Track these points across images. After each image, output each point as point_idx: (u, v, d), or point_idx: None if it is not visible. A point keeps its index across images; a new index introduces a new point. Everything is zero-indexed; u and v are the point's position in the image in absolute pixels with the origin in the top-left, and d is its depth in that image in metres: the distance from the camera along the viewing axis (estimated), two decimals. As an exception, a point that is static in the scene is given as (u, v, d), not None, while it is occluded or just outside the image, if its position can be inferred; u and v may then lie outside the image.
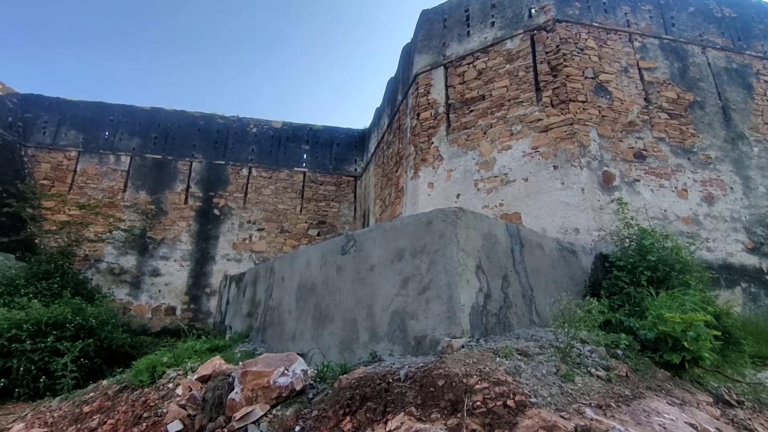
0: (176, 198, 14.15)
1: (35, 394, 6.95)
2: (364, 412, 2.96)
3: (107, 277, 13.11)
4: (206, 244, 13.81)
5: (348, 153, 15.53)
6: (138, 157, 14.40)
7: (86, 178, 14.01)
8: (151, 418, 3.65)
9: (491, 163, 8.22)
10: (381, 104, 13.87)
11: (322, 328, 4.60)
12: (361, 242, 4.38)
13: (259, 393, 3.14)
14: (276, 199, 14.53)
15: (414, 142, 9.41)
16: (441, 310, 3.48)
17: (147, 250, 13.55)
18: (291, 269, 5.52)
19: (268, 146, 15.18)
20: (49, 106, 14.72)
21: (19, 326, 7.36)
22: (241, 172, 14.70)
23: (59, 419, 4.58)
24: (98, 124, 14.63)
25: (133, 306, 12.99)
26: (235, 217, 14.18)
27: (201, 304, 13.33)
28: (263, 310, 6.05)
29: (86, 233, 13.17)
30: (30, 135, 14.25)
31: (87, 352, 7.67)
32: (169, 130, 14.87)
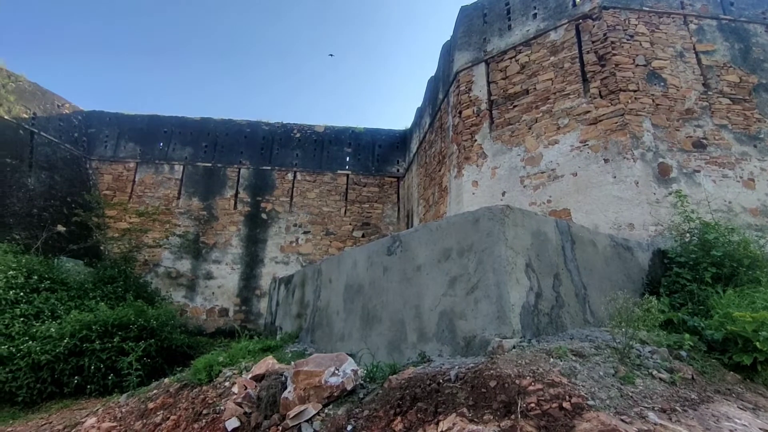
0: (226, 204, 14.71)
1: (105, 391, 7.42)
2: (414, 412, 2.95)
3: (165, 281, 13.81)
4: (255, 248, 14.26)
5: (390, 154, 15.59)
6: (190, 166, 15.09)
7: (144, 188, 14.82)
8: (210, 415, 3.80)
9: (537, 159, 8.00)
10: (422, 104, 13.83)
11: (369, 329, 4.64)
12: (407, 243, 4.38)
13: (311, 392, 3.20)
14: (320, 202, 14.80)
15: (457, 141, 9.31)
16: (490, 310, 3.42)
17: (200, 254, 14.16)
18: (338, 271, 5.60)
19: (311, 150, 15.50)
20: (110, 120, 15.70)
21: (89, 327, 7.88)
22: (287, 177, 15.08)
23: (127, 414, 4.86)
24: (153, 136, 15.45)
25: (189, 308, 13.60)
26: (282, 220, 14.56)
27: (252, 305, 13.77)
28: (312, 311, 6.17)
29: (145, 239, 13.96)
30: (93, 149, 15.25)
31: (149, 352, 8.10)
32: (218, 139, 15.48)
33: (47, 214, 12.84)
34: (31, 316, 8.62)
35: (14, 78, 13.32)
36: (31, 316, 8.60)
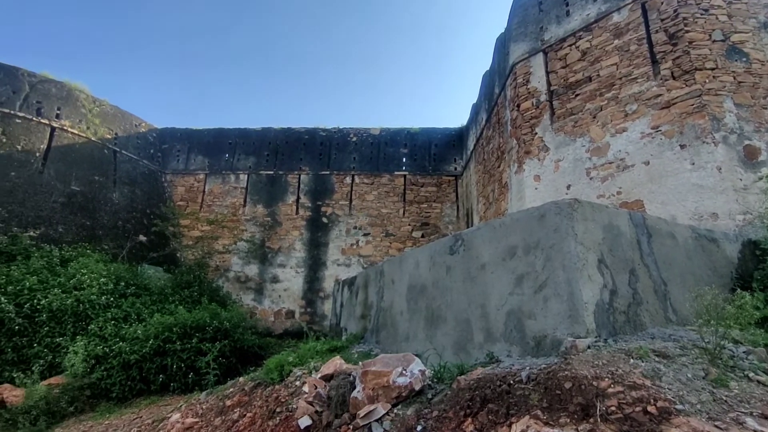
0: (288, 209, 15.23)
1: (186, 388, 7.92)
2: (485, 414, 2.89)
3: (235, 285, 14.53)
4: (317, 251, 14.64)
5: (446, 153, 15.44)
6: (254, 174, 15.78)
7: (213, 197, 15.69)
8: (283, 413, 3.94)
9: (604, 149, 7.59)
10: (477, 99, 13.57)
11: (434, 329, 4.60)
12: (470, 241, 4.31)
13: (379, 392, 3.23)
14: (379, 203, 14.94)
15: (516, 135, 9.05)
16: (561, 308, 3.28)
17: (266, 258, 14.76)
18: (400, 271, 5.61)
19: (368, 153, 15.68)
20: (180, 136, 16.78)
21: (170, 329, 8.46)
22: (345, 180, 15.36)
23: (207, 411, 5.15)
24: (219, 148, 16.33)
25: (258, 310, 14.21)
26: (342, 223, 14.85)
27: (316, 307, 14.14)
28: (375, 312, 6.24)
29: (216, 246, 14.79)
30: (167, 163, 16.38)
31: (224, 352, 8.55)
32: (279, 147, 16.08)
33: (130, 226, 13.94)
34: (120, 319, 9.39)
35: (98, 103, 14.59)
36: (120, 319, 9.38)
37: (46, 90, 13.39)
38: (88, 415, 7.35)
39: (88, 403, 7.72)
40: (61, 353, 8.41)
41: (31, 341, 8.70)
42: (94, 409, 7.60)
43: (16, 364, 8.40)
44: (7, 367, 8.35)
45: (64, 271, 10.23)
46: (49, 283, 9.62)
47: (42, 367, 8.17)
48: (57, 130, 13.15)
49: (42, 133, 12.88)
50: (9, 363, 8.41)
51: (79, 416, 7.34)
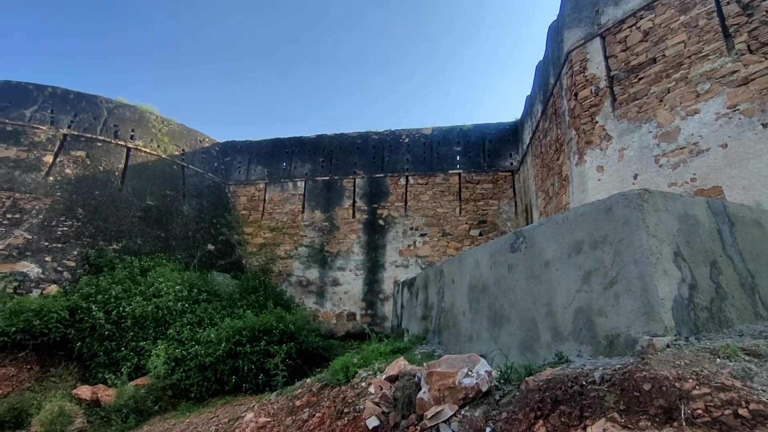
0: (345, 213, 15.53)
1: (257, 389, 8.29)
2: (557, 416, 2.80)
3: (297, 289, 15.00)
4: (375, 253, 14.81)
5: (501, 148, 15.09)
6: (310, 181, 16.24)
7: (273, 205, 16.31)
8: (351, 414, 4.02)
9: (674, 133, 7.10)
10: (531, 91, 13.17)
11: (498, 329, 4.52)
12: (532, 238, 4.19)
13: (445, 393, 3.22)
14: (434, 203, 14.86)
15: (574, 125, 8.68)
16: (635, 305, 3.11)
17: (326, 262, 15.12)
18: (460, 271, 5.56)
19: (421, 153, 15.66)
20: (240, 148, 17.61)
21: (240, 333, 8.88)
22: (399, 182, 15.43)
23: (278, 411, 5.36)
24: (277, 157, 16.96)
25: (320, 313, 14.58)
26: (398, 225, 14.92)
27: (376, 309, 14.29)
28: (437, 312, 6.21)
29: (278, 252, 15.36)
30: (230, 174, 17.23)
31: (290, 354, 8.87)
32: (333, 153, 16.45)
33: (199, 236, 14.79)
34: (194, 323, 9.99)
35: (166, 122, 15.64)
36: (194, 324, 9.97)
37: (121, 114, 14.53)
38: (171, 414, 7.87)
39: (171, 402, 8.27)
40: (145, 356, 9.08)
41: (119, 345, 9.46)
42: (176, 407, 8.13)
43: (107, 366, 9.17)
44: (100, 369, 9.15)
45: (143, 280, 11.04)
46: (132, 291, 10.42)
47: (129, 369, 8.86)
48: (132, 150, 14.24)
49: (119, 153, 13.98)
50: (101, 365, 9.21)
51: (163, 414, 7.89)
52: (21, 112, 13.15)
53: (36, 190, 12.14)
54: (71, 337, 9.45)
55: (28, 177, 12.25)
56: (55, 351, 9.55)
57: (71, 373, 9.37)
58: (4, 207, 11.61)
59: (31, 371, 9.11)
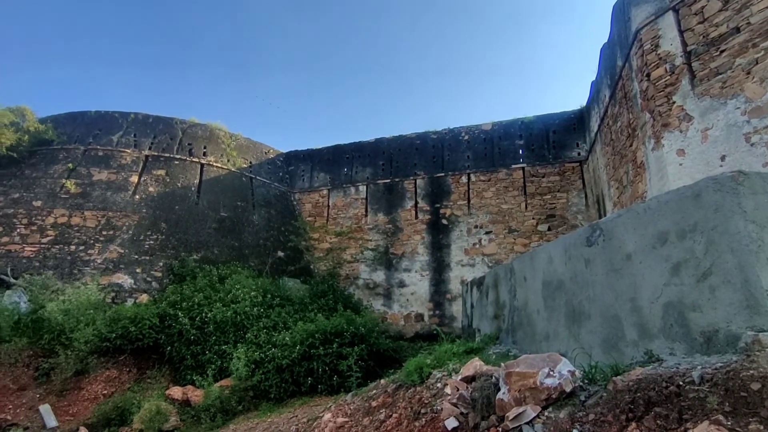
0: (408, 215, 15.56)
1: (332, 390, 8.50)
2: (652, 418, 2.62)
3: (364, 291, 15.23)
4: (440, 253, 14.70)
5: (567, 138, 14.44)
6: (372, 185, 16.45)
7: (337, 210, 16.70)
8: (428, 414, 4.01)
9: (766, 108, 6.44)
10: (597, 76, 12.50)
11: (578, 327, 4.32)
12: (609, 230, 3.97)
13: (526, 394, 3.12)
14: (498, 200, 14.50)
15: (648, 108, 8.13)
16: (734, 298, 2.85)
17: (392, 264, 15.23)
18: (532, 268, 5.38)
19: (481, 150, 15.36)
20: (303, 157, 18.21)
21: (313, 335, 9.16)
22: (461, 180, 15.22)
23: (355, 411, 5.46)
24: (338, 163, 17.36)
25: (388, 315, 14.69)
26: (462, 224, 14.72)
27: (444, 309, 14.17)
28: (509, 311, 6.05)
29: (344, 256, 15.69)
30: (294, 183, 17.88)
31: (362, 356, 9.01)
32: (392, 155, 16.56)
33: (269, 243, 15.46)
34: (270, 327, 10.44)
35: (234, 137, 16.53)
36: (270, 328, 10.42)
37: (194, 132, 15.56)
38: (254, 413, 8.27)
39: (252, 402, 8.69)
40: (227, 359, 9.62)
41: (204, 349, 10.10)
42: (258, 408, 8.53)
43: (194, 369, 9.81)
44: (188, 371, 9.81)
45: (222, 287, 11.72)
46: (212, 298, 11.10)
47: (214, 371, 9.42)
48: (205, 165, 15.19)
49: (194, 170, 14.97)
50: (189, 368, 9.87)
51: (246, 414, 8.31)
52: (109, 138, 14.49)
53: (125, 208, 13.29)
54: (162, 341, 10.22)
55: (118, 197, 13.44)
56: (149, 355, 10.38)
57: (164, 374, 10.14)
58: (99, 225, 12.83)
59: (130, 373, 9.97)
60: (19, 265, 11.78)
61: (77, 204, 13.06)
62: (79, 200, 13.13)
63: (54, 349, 9.53)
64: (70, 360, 9.27)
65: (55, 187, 13.24)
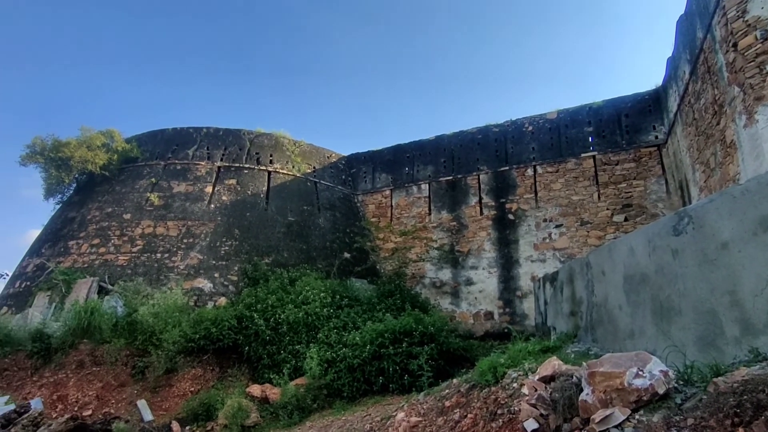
0: (472, 211, 15.25)
1: (403, 389, 8.49)
2: (763, 423, 2.35)
3: (431, 290, 15.12)
4: (508, 249, 14.26)
5: (641, 121, 13.45)
6: (434, 183, 16.31)
7: (400, 210, 16.73)
8: (505, 415, 3.87)
9: None
10: (673, 51, 11.53)
11: (667, 323, 3.98)
12: (700, 217, 3.62)
13: (613, 395, 2.91)
14: (568, 191, 13.81)
15: (737, 81, 7.36)
16: None
17: (458, 262, 15.00)
18: (610, 261, 5.04)
19: (547, 140, 14.72)
20: (364, 159, 18.44)
21: (382, 335, 9.22)
22: (526, 173, 14.68)
23: (428, 411, 5.41)
24: (399, 163, 17.39)
25: (457, 314, 14.48)
26: (530, 218, 14.18)
27: (514, 307, 13.73)
28: (587, 307, 5.72)
29: (409, 255, 15.69)
30: (357, 185, 18.15)
31: (432, 355, 8.93)
32: (454, 152, 16.32)
33: (336, 245, 15.80)
34: (340, 327, 10.65)
35: (298, 144, 17.10)
36: (340, 328, 10.63)
37: (261, 142, 16.28)
38: (328, 411, 8.46)
39: (326, 400, 8.90)
40: (301, 358, 9.93)
41: (278, 348, 10.50)
42: (332, 406, 8.72)
43: (271, 368, 10.23)
44: (265, 370, 10.24)
45: (293, 289, 12.14)
46: (284, 300, 11.52)
47: (289, 370, 9.77)
48: (272, 173, 15.84)
49: (262, 177, 15.65)
50: (266, 367, 10.31)
51: (321, 412, 8.52)
52: (186, 152, 15.54)
53: (202, 217, 14.17)
54: (240, 342, 10.76)
55: (195, 206, 14.36)
56: (229, 354, 10.96)
57: (243, 373, 10.67)
58: (181, 233, 13.77)
59: (213, 372, 10.60)
60: (114, 273, 12.93)
61: (161, 215, 14.11)
62: (162, 211, 14.18)
63: (147, 349, 10.35)
64: (161, 359, 10.02)
65: (141, 200, 14.41)
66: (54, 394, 9.74)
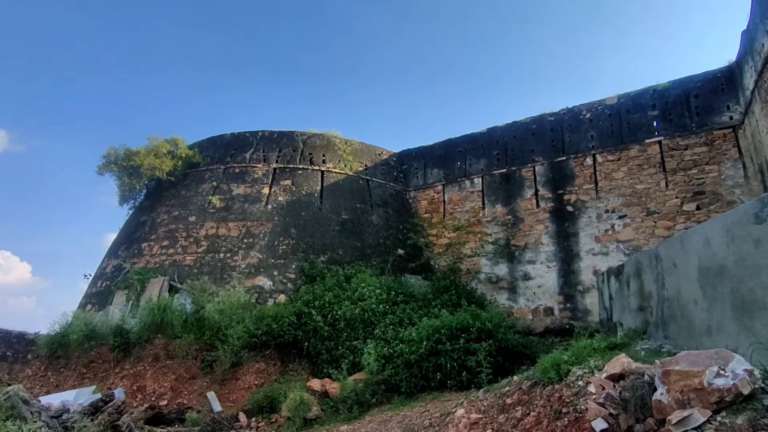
0: (528, 204, 14.80)
1: (461, 386, 8.41)
2: None
3: (487, 286, 14.84)
4: (567, 242, 13.72)
5: (713, 101, 12.45)
6: (487, 176, 15.98)
7: (453, 205, 16.54)
8: (571, 414, 3.74)
9: None
10: (749, 23, 10.59)
11: (749, 319, 3.68)
12: (787, 202, 3.31)
13: (690, 395, 2.74)
14: (632, 180, 13.05)
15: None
16: None
17: (514, 257, 14.63)
18: (683, 253, 4.72)
19: (607, 127, 13.99)
20: (415, 155, 18.39)
21: (439, 331, 9.17)
22: (585, 162, 14.04)
23: (488, 408, 5.33)
24: (450, 158, 17.18)
25: (515, 309, 14.13)
26: (591, 209, 13.56)
27: (576, 302, 13.20)
28: (657, 302, 5.40)
29: (463, 250, 15.50)
30: (409, 181, 18.13)
31: (490, 352, 8.77)
32: (507, 144, 15.90)
33: (389, 242, 15.89)
34: (396, 324, 10.71)
35: (349, 143, 17.33)
36: (396, 324, 10.69)
37: (313, 143, 16.66)
38: (386, 406, 8.53)
39: (385, 396, 8.98)
40: (358, 354, 10.08)
41: (336, 344, 10.73)
42: (390, 401, 8.78)
43: (329, 363, 10.48)
44: (324, 365, 10.50)
45: (348, 286, 12.35)
46: (341, 296, 11.75)
47: (347, 365, 9.95)
48: (325, 172, 16.18)
49: (316, 177, 16.02)
50: (325, 362, 10.57)
51: (380, 407, 8.61)
52: (243, 155, 16.21)
53: (260, 218, 14.72)
54: (300, 337, 11.10)
55: (254, 207, 14.95)
56: (290, 349, 11.34)
57: (303, 367, 11.00)
58: (241, 234, 14.40)
59: (275, 366, 11.01)
60: (182, 272, 13.73)
61: (222, 217, 14.81)
62: (223, 213, 14.88)
63: (214, 344, 10.93)
64: (227, 353, 10.54)
65: (204, 203, 15.19)
66: (134, 385, 10.53)
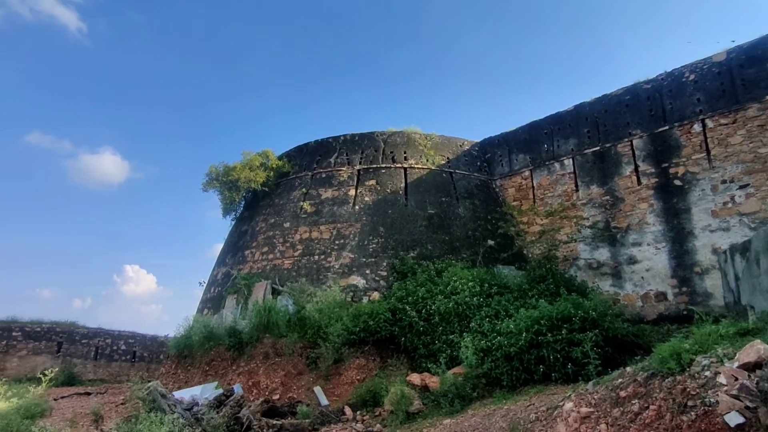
0: (627, 182, 13.67)
1: (567, 379, 8.01)
2: None
3: (587, 272, 13.96)
4: (677, 220, 12.44)
5: None
6: (578, 156, 15.01)
7: (543, 190, 15.77)
8: (699, 407, 3.40)
9: None
10: None
11: None
12: None
13: None
14: (752, 143, 11.44)
15: None
16: None
17: (616, 239, 13.59)
18: (827, 221, 4.06)
19: (716, 87, 12.41)
20: (498, 142, 17.82)
21: (538, 322, 8.82)
22: (692, 130, 12.60)
23: (600, 401, 5.02)
24: (536, 141, 16.40)
25: (621, 296, 13.14)
26: (703, 181, 12.15)
27: (693, 285, 11.93)
28: (797, 280, 4.70)
29: (558, 236, 14.73)
30: (493, 170, 17.63)
31: (596, 342, 8.26)
32: (597, 119, 14.80)
33: (478, 233, 15.57)
34: (491, 316, 10.48)
35: (429, 137, 17.28)
36: (492, 317, 10.46)
37: (393, 141, 16.84)
38: (488, 400, 8.39)
39: (486, 389, 8.83)
40: (455, 348, 10.02)
41: (432, 339, 10.78)
42: (491, 395, 8.62)
43: (427, 357, 10.55)
44: (422, 360, 10.60)
45: (440, 280, 12.32)
46: (433, 291, 11.77)
47: (445, 359, 9.93)
48: (407, 169, 16.28)
49: (399, 174, 16.18)
50: (423, 356, 10.67)
51: (481, 401, 8.49)
52: (328, 160, 16.87)
53: (349, 219, 15.21)
54: (396, 333, 11.30)
55: (342, 209, 15.49)
56: (387, 345, 11.60)
57: (402, 362, 11.19)
58: (332, 236, 15.00)
59: (374, 361, 11.33)
60: (282, 275, 14.65)
61: (313, 221, 15.54)
62: (315, 217, 15.61)
63: (316, 342, 11.53)
64: (329, 350, 11.06)
65: (296, 209, 16.07)
66: (249, 381, 11.46)
